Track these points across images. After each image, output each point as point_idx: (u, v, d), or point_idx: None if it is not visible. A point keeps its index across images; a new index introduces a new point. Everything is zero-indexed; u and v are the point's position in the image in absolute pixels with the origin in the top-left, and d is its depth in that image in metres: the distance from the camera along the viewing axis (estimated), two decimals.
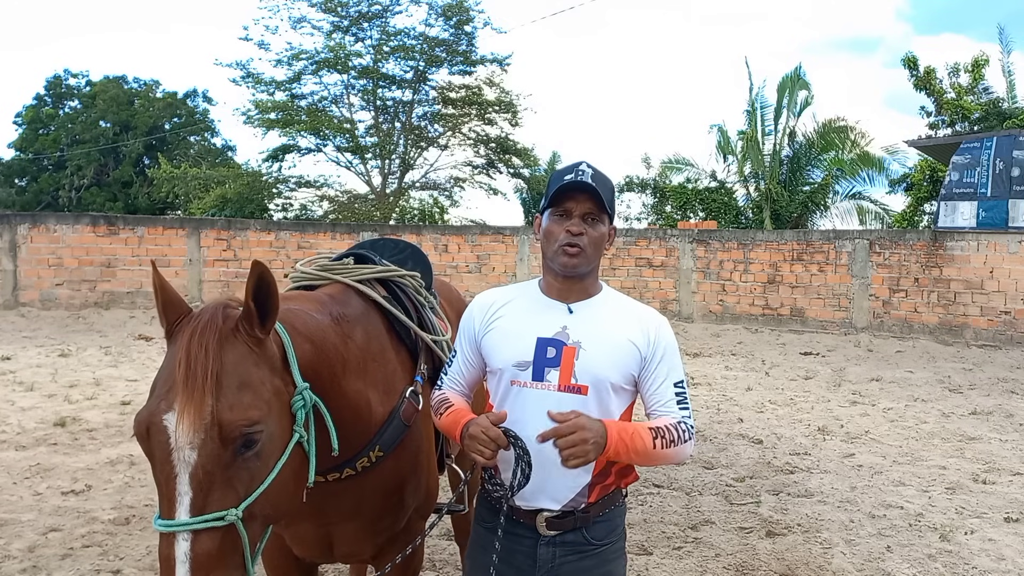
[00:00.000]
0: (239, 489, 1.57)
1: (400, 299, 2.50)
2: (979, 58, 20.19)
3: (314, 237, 16.50)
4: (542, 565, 1.98)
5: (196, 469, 1.52)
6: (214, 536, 1.52)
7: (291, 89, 24.23)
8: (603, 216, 2.00)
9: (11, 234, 15.05)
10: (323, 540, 2.30)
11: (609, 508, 2.03)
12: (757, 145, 22.45)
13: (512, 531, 2.00)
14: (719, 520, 4.89)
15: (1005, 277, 13.24)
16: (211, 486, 1.53)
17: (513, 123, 25.56)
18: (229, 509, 1.54)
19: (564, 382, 1.94)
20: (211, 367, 1.56)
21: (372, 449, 2.15)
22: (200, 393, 1.53)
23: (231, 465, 1.56)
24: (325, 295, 2.24)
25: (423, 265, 2.90)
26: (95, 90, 32.12)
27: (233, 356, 1.61)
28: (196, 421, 1.52)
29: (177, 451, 1.52)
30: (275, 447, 1.65)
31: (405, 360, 2.42)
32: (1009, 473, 5.94)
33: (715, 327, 15.10)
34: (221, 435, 1.53)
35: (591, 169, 2.00)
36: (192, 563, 1.50)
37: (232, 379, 1.59)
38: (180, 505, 1.52)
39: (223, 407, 1.54)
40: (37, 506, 4.92)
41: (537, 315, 2.03)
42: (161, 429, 1.54)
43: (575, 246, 1.96)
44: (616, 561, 2.06)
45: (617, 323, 2.02)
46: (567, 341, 1.97)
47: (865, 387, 9.45)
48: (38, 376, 8.98)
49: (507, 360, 2.00)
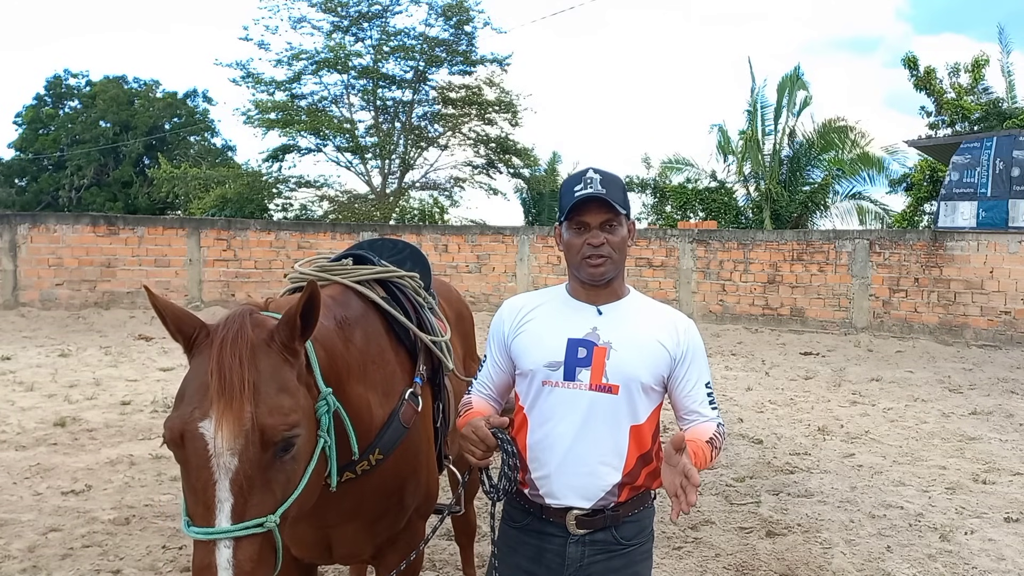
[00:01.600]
0: (277, 493, 1.59)
1: (399, 300, 2.50)
2: (979, 58, 20.19)
3: (314, 237, 16.49)
4: (571, 564, 1.99)
5: (237, 475, 1.52)
6: (254, 542, 1.53)
7: (291, 89, 24.23)
8: (620, 219, 2.01)
9: (11, 234, 15.05)
10: (322, 541, 2.30)
11: (639, 508, 2.05)
12: (757, 145, 22.44)
13: (542, 530, 2.02)
14: (719, 520, 4.89)
15: (1005, 277, 13.23)
16: (251, 491, 1.54)
17: (513, 123, 25.57)
18: (267, 515, 1.55)
19: (596, 381, 1.96)
20: (247, 375, 1.57)
21: (372, 452, 2.14)
22: (239, 401, 1.54)
23: (270, 469, 1.58)
24: (327, 297, 2.24)
25: (422, 265, 2.89)
26: (95, 90, 32.09)
27: (268, 364, 1.63)
28: (236, 427, 1.52)
29: (216, 457, 1.52)
30: (307, 451, 1.68)
31: (404, 361, 2.42)
32: (1009, 473, 5.94)
33: (715, 327, 15.10)
34: (263, 440, 1.54)
35: (599, 175, 2.00)
36: (235, 570, 1.49)
37: (270, 386, 1.60)
38: (220, 512, 1.51)
39: (263, 412, 1.55)
40: (37, 506, 4.92)
41: (567, 317, 2.05)
42: (198, 436, 1.54)
43: (599, 255, 1.98)
44: (644, 562, 2.08)
45: (646, 325, 2.04)
46: (598, 341, 1.99)
47: (865, 387, 9.45)
48: (38, 376, 8.98)
49: (538, 361, 2.01)
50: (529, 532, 2.03)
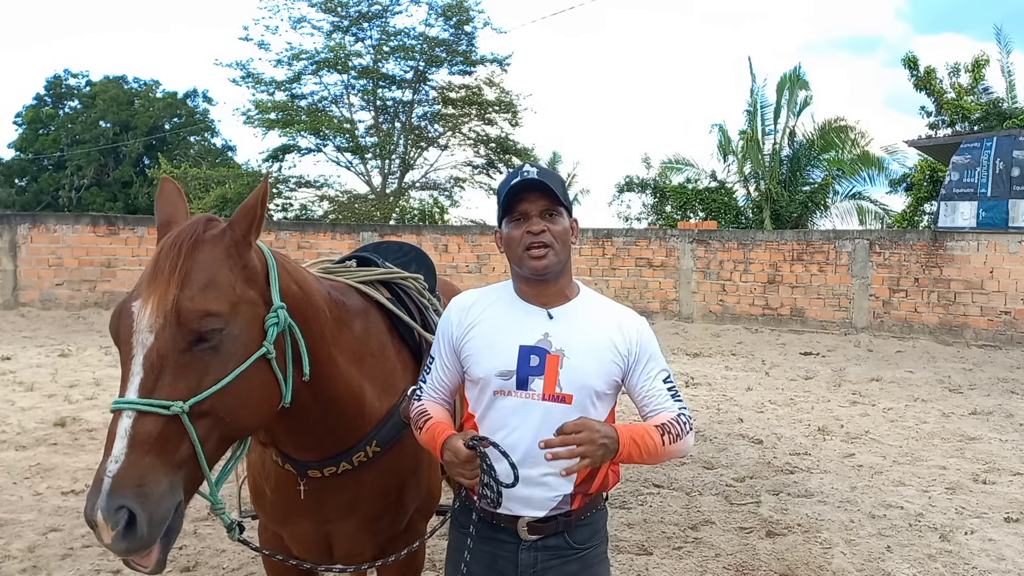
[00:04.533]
0: (191, 382, 1.61)
1: (403, 301, 2.51)
2: (979, 58, 20.18)
3: (314, 237, 16.50)
4: (524, 570, 1.95)
5: (151, 352, 1.59)
6: (156, 421, 1.56)
7: (291, 89, 24.26)
8: (560, 209, 1.96)
9: (11, 234, 15.05)
10: (322, 539, 2.30)
11: (591, 511, 2.01)
12: (757, 145, 22.43)
13: (493, 536, 1.97)
14: (719, 520, 4.88)
15: (1005, 277, 13.23)
16: (162, 371, 1.59)
17: (513, 123, 25.59)
18: (177, 400, 1.57)
19: (549, 391, 1.91)
20: (181, 263, 1.65)
21: (369, 444, 2.15)
22: (165, 284, 1.62)
23: (184, 354, 1.61)
24: (327, 282, 2.27)
25: (426, 267, 2.92)
26: (95, 90, 32.09)
27: (205, 257, 1.69)
28: (158, 307, 1.60)
29: (136, 334, 1.61)
30: (236, 351, 1.69)
31: (407, 360, 2.42)
32: (1009, 473, 5.94)
33: (715, 327, 15.10)
34: (179, 322, 1.60)
35: (535, 167, 1.97)
36: (130, 440, 1.54)
37: (200, 276, 1.66)
38: (131, 385, 1.59)
39: (184, 297, 1.61)
40: (37, 506, 4.92)
41: (517, 321, 1.98)
42: (128, 315, 1.64)
43: (540, 245, 1.92)
44: (599, 565, 2.04)
45: (598, 329, 1.99)
46: (550, 349, 1.93)
47: (865, 387, 9.45)
48: (38, 376, 8.98)
49: (490, 370, 1.95)
50: (480, 539, 1.98)
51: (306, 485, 2.15)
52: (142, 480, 1.52)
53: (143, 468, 1.53)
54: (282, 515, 2.29)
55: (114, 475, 1.51)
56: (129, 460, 1.53)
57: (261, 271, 1.82)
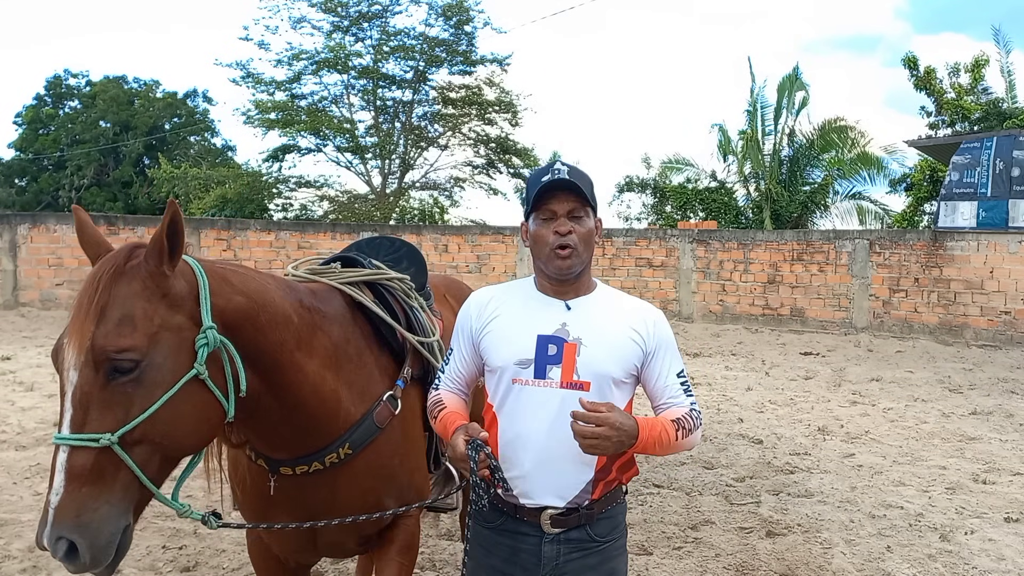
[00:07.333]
0: (118, 413, 1.66)
1: (387, 302, 2.49)
2: (979, 58, 20.19)
3: (314, 237, 16.51)
4: (547, 563, 1.99)
5: (77, 388, 1.66)
6: (88, 454, 1.63)
7: (291, 89, 24.26)
8: (587, 210, 2.01)
9: (11, 234, 15.06)
10: (303, 535, 2.31)
11: (612, 505, 2.05)
12: (757, 145, 22.44)
13: (517, 530, 2.01)
14: (719, 520, 4.88)
15: (1005, 277, 13.24)
16: (89, 406, 1.65)
17: (513, 123, 25.60)
18: (105, 433, 1.63)
19: (567, 379, 1.96)
20: (97, 299, 1.69)
21: (341, 446, 2.18)
22: (83, 321, 1.68)
23: (106, 388, 1.66)
24: (305, 288, 2.28)
25: (418, 264, 2.90)
26: (95, 90, 32.09)
27: (123, 290, 1.72)
28: (79, 345, 1.66)
29: (66, 371, 1.68)
30: (162, 378, 1.72)
31: (387, 364, 2.43)
32: (1009, 473, 5.94)
33: (715, 327, 15.10)
34: (94, 360, 1.65)
35: (566, 166, 2.01)
36: (67, 473, 1.62)
37: (115, 311, 1.69)
38: (64, 421, 1.65)
39: (99, 334, 1.66)
40: (37, 506, 4.91)
41: (535, 312, 2.04)
42: (60, 352, 1.72)
43: (566, 247, 1.97)
44: (619, 558, 2.08)
45: (615, 318, 2.04)
46: (567, 338, 1.98)
47: (865, 387, 9.45)
48: (38, 376, 8.98)
49: (508, 359, 2.00)
50: (503, 532, 2.03)
51: (277, 482, 2.19)
52: (79, 511, 1.60)
53: (80, 499, 1.61)
54: (259, 511, 2.32)
55: (55, 507, 1.60)
56: (67, 492, 1.61)
57: (189, 294, 1.82)
